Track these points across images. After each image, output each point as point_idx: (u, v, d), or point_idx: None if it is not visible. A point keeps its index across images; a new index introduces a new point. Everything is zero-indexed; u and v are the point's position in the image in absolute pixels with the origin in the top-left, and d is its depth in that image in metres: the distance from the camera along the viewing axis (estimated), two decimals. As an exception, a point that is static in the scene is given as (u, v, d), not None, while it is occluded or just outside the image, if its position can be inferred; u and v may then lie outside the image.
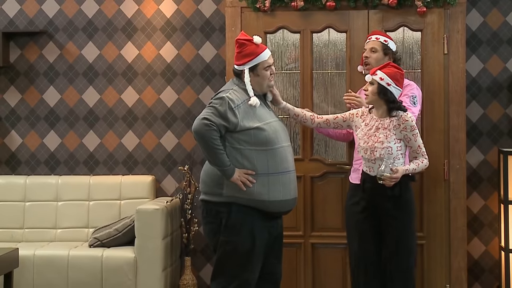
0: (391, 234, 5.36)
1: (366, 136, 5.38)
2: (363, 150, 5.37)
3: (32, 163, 7.09)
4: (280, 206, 5.01)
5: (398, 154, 5.30)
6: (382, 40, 5.77)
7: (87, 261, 6.29)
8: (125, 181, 6.88)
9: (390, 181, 5.19)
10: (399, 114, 5.31)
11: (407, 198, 5.36)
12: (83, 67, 7.03)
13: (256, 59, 5.04)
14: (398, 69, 5.36)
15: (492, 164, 6.61)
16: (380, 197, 5.33)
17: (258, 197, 4.93)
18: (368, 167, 5.38)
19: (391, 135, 5.29)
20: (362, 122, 5.45)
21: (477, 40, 6.59)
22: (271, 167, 4.94)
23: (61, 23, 7.03)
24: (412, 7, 6.19)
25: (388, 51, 5.77)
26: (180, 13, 6.92)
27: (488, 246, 6.64)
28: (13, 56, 7.07)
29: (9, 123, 7.10)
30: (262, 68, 5.07)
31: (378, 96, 5.31)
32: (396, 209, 5.32)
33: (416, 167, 5.32)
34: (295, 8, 6.28)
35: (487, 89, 6.61)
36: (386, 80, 5.28)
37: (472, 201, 6.61)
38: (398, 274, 5.36)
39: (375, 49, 5.75)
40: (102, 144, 7.03)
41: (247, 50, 5.04)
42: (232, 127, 4.91)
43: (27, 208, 6.88)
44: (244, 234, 4.95)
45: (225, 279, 5.00)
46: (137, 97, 6.98)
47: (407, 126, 5.28)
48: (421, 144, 5.35)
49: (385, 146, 5.27)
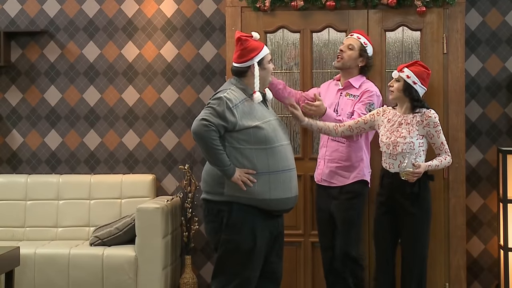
0: (408, 231, 5.41)
1: (388, 132, 5.44)
2: (385, 145, 5.43)
3: (33, 162, 7.11)
4: (281, 204, 5.02)
5: (420, 151, 5.36)
6: (362, 41, 5.82)
7: (88, 259, 6.31)
8: (125, 180, 6.90)
9: (413, 176, 5.25)
10: (422, 110, 5.37)
11: (425, 196, 5.43)
12: (84, 67, 7.05)
13: (262, 52, 5.07)
14: (425, 68, 5.45)
15: (491, 163, 6.63)
16: (399, 193, 5.38)
17: (259, 196, 4.94)
18: (388, 164, 5.44)
19: (414, 130, 5.35)
20: (385, 119, 5.51)
21: (476, 39, 6.61)
22: (271, 165, 4.95)
23: (62, 23, 7.05)
24: (412, 6, 6.21)
25: (364, 53, 5.81)
26: (180, 13, 6.94)
27: (487, 245, 6.66)
28: (14, 56, 7.09)
29: (11, 122, 7.12)
30: (266, 62, 5.10)
31: (403, 94, 5.40)
32: (413, 206, 5.38)
33: (439, 163, 5.39)
34: (295, 8, 6.30)
35: (486, 89, 6.63)
36: (413, 78, 5.36)
37: (471, 200, 6.63)
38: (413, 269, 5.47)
39: (352, 47, 5.80)
40: (103, 143, 7.05)
41: (251, 45, 5.06)
42: (231, 126, 4.91)
43: (28, 207, 6.90)
44: (245, 233, 4.96)
45: (225, 277, 5.01)
46: (137, 97, 7.00)
47: (430, 123, 5.34)
48: (444, 141, 5.42)
49: (408, 141, 5.33)
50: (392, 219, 5.50)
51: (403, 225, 5.46)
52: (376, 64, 6.25)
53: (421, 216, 5.43)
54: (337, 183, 5.71)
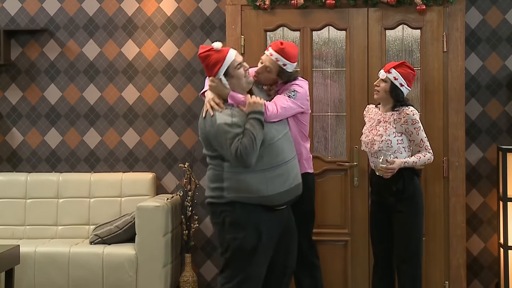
0: (398, 227, 5.43)
1: (367, 130, 5.47)
2: (364, 143, 5.45)
3: (33, 161, 7.11)
4: (281, 197, 5.02)
5: (400, 148, 5.36)
6: (281, 63, 5.31)
7: (88, 258, 6.32)
8: (125, 178, 6.91)
9: (386, 172, 5.25)
10: (400, 108, 5.36)
11: (411, 192, 5.41)
12: (84, 65, 7.05)
13: (224, 64, 4.94)
14: (412, 69, 5.45)
15: (491, 162, 6.63)
16: (385, 191, 5.40)
17: (257, 194, 4.95)
18: (373, 162, 5.45)
19: (391, 128, 5.35)
20: (366, 118, 5.53)
21: (476, 38, 6.60)
22: (266, 163, 4.95)
23: (62, 21, 7.05)
24: (412, 5, 6.22)
25: (283, 74, 5.37)
26: (180, 11, 6.93)
27: (487, 243, 6.66)
28: (14, 54, 7.10)
29: (10, 121, 7.12)
30: (233, 69, 4.97)
31: (390, 95, 5.39)
32: (400, 203, 5.37)
33: (418, 160, 5.37)
34: (295, 6, 6.30)
35: (486, 87, 6.63)
36: (400, 80, 5.37)
37: (471, 198, 6.63)
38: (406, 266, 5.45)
39: (269, 69, 5.34)
40: (103, 142, 7.06)
41: (212, 59, 4.95)
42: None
43: (28, 205, 6.91)
44: (249, 230, 4.97)
45: (231, 273, 5.04)
46: (137, 95, 7.00)
47: (408, 120, 5.33)
48: (424, 138, 5.40)
49: (384, 139, 5.33)
50: (385, 217, 5.50)
51: (393, 222, 5.46)
52: (376, 62, 6.26)
53: (409, 213, 5.41)
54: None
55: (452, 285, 6.27)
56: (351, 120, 6.31)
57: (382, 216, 5.51)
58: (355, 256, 6.39)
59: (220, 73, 4.95)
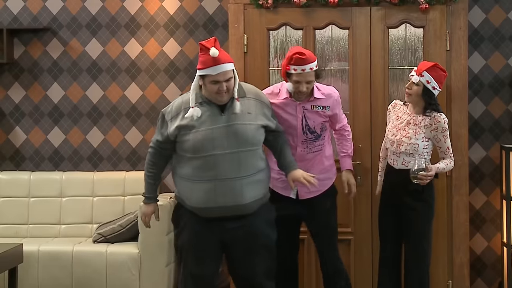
0: (410, 226, 5.44)
1: (395, 129, 5.45)
2: (390, 141, 5.45)
3: (36, 159, 7.12)
4: (203, 212, 4.93)
5: (424, 152, 5.37)
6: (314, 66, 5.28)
7: (91, 256, 6.33)
8: (129, 177, 6.91)
9: (426, 179, 5.24)
10: (432, 113, 5.36)
11: (428, 192, 5.44)
12: (86, 64, 7.06)
13: (203, 70, 4.83)
14: (443, 71, 5.45)
15: (494, 160, 6.63)
16: (402, 190, 5.40)
17: (185, 200, 4.98)
18: (393, 160, 5.46)
19: (420, 132, 5.35)
20: (393, 115, 5.52)
21: (479, 36, 6.60)
22: (195, 173, 4.89)
23: (65, 20, 7.06)
24: (415, 3, 6.21)
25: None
26: (183, 10, 6.94)
27: (491, 242, 6.66)
28: (17, 53, 7.10)
29: (13, 119, 7.13)
30: (208, 81, 4.85)
31: (421, 97, 5.37)
32: (416, 202, 5.39)
33: (445, 166, 5.43)
34: (298, 5, 6.29)
35: (489, 86, 6.63)
36: (433, 83, 5.35)
37: (474, 197, 6.63)
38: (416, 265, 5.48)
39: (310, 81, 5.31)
40: (106, 140, 7.06)
41: (202, 57, 4.86)
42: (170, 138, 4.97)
43: (31, 204, 6.91)
44: (180, 230, 5.07)
45: (180, 271, 5.17)
46: (140, 94, 7.01)
47: (438, 127, 5.35)
48: (450, 146, 5.45)
49: (412, 142, 5.34)
50: (396, 216, 5.50)
51: (405, 221, 5.47)
52: (378, 61, 6.25)
53: (424, 212, 5.44)
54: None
55: (456, 284, 6.27)
56: (354, 119, 6.30)
57: (393, 216, 5.51)
58: (358, 254, 6.38)
59: (198, 72, 4.88)
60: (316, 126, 5.39)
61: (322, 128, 5.42)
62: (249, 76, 6.35)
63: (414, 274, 5.48)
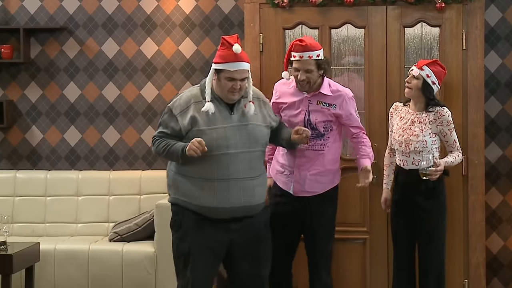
0: (424, 226, 5.43)
1: (401, 130, 5.45)
2: (397, 143, 5.43)
3: (52, 158, 7.15)
4: (214, 212, 4.87)
5: (433, 148, 5.38)
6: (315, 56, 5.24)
7: (107, 255, 6.35)
8: (144, 176, 6.93)
9: (436, 174, 5.24)
10: (435, 109, 5.38)
11: (440, 191, 5.44)
12: (103, 63, 7.08)
13: (221, 65, 4.81)
14: (443, 68, 5.48)
15: (511, 159, 6.61)
16: (413, 190, 5.39)
17: (192, 200, 4.87)
18: (402, 161, 5.45)
19: (427, 129, 5.36)
20: (397, 117, 5.52)
21: (496, 35, 6.58)
22: (205, 172, 4.82)
23: (81, 20, 7.08)
24: (431, 2, 6.20)
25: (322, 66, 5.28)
26: (199, 9, 6.95)
27: (507, 241, 6.64)
28: (34, 52, 7.13)
29: (30, 119, 7.16)
30: (224, 77, 4.83)
31: (421, 92, 5.38)
32: (428, 201, 5.38)
33: (454, 160, 5.43)
34: (314, 4, 6.29)
35: (505, 85, 6.60)
36: (432, 78, 5.37)
37: (490, 197, 6.60)
38: (431, 264, 5.45)
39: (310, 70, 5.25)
40: (122, 140, 7.08)
41: (222, 52, 4.84)
42: (182, 132, 4.88)
43: (48, 203, 6.95)
44: (181, 235, 4.95)
45: (177, 276, 5.05)
46: (156, 93, 7.02)
47: (443, 121, 5.36)
48: (456, 139, 5.45)
49: (421, 139, 5.34)
50: (409, 217, 5.49)
51: (418, 221, 5.46)
52: (394, 60, 6.25)
53: (437, 211, 5.43)
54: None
55: (472, 283, 6.26)
56: (369, 118, 6.30)
57: (405, 217, 5.50)
58: (374, 254, 6.37)
59: (213, 66, 4.87)
60: (318, 124, 5.30)
61: (326, 127, 5.33)
62: (264, 75, 6.36)
63: (430, 274, 5.47)
